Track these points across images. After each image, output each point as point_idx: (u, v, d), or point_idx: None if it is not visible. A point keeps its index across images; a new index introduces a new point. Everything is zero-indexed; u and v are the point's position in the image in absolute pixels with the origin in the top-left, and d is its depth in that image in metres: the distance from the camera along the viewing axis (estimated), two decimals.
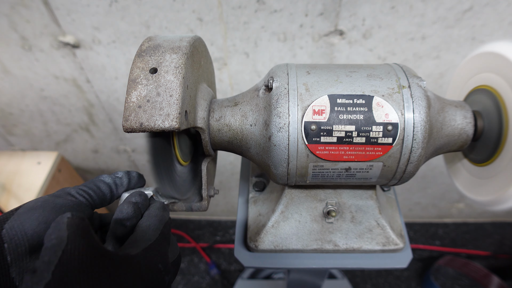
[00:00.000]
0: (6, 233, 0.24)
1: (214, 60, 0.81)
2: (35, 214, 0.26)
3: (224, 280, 1.27)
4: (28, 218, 0.26)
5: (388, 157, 0.36)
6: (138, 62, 0.32)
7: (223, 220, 1.45)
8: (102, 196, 0.32)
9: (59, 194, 0.30)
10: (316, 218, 0.45)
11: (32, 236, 0.25)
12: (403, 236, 0.46)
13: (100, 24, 0.75)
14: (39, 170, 1.00)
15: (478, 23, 0.71)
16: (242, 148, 0.39)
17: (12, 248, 0.24)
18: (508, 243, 1.34)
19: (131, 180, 0.35)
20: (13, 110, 0.98)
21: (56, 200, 0.28)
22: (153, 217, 0.31)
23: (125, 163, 1.18)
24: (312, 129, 0.35)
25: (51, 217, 0.26)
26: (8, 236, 0.24)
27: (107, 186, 0.33)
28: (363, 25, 0.72)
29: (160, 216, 0.31)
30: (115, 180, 0.34)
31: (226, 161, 1.12)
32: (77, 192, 0.30)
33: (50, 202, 0.28)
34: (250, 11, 0.70)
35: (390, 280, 1.26)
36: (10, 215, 0.26)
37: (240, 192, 0.53)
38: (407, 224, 1.40)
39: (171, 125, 0.30)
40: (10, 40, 0.79)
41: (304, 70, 0.38)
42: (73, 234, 0.22)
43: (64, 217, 0.22)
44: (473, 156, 0.44)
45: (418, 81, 0.36)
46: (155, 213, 0.31)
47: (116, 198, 0.34)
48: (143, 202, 0.32)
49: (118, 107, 0.95)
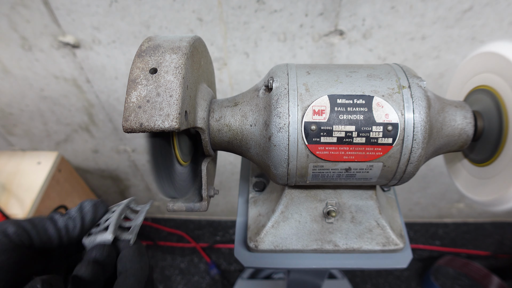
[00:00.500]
0: None
1: (214, 60, 0.81)
2: None
3: (224, 280, 1.27)
4: None
5: (388, 157, 0.36)
6: (138, 62, 0.32)
7: (223, 220, 1.45)
8: (47, 241, 0.27)
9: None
10: (316, 218, 0.45)
11: None
12: (403, 236, 0.46)
13: (100, 24, 0.75)
14: (39, 170, 1.00)
15: (478, 23, 0.71)
16: (242, 148, 0.39)
17: None
18: (508, 243, 1.34)
19: (84, 217, 0.29)
20: (13, 110, 0.98)
21: None
22: (131, 277, 0.26)
23: (125, 163, 1.18)
24: (312, 129, 0.35)
25: None
26: None
27: (55, 231, 0.28)
28: (363, 25, 0.72)
29: (139, 270, 0.26)
30: (66, 223, 0.28)
31: (226, 161, 1.12)
32: (15, 232, 0.26)
33: None
34: (250, 11, 0.70)
35: (390, 280, 1.26)
36: None
37: (240, 192, 0.53)
38: (407, 224, 1.40)
39: (171, 125, 0.30)
40: (10, 40, 0.79)
41: (304, 70, 0.38)
42: None
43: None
44: (473, 156, 0.44)
45: (418, 81, 0.36)
46: (132, 270, 0.26)
47: (68, 244, 0.29)
48: (105, 255, 0.27)
49: (118, 107, 0.95)
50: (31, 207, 0.92)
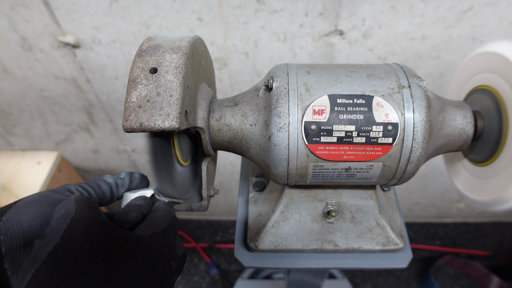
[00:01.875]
0: (2, 225, 0.25)
1: (214, 60, 0.81)
2: (32, 208, 0.27)
3: (224, 280, 1.27)
4: (25, 212, 0.26)
5: (388, 157, 0.36)
6: (138, 62, 0.32)
7: (223, 220, 1.45)
8: (102, 196, 0.32)
9: (58, 189, 0.30)
10: (316, 218, 0.45)
11: (28, 229, 0.26)
12: (403, 236, 0.46)
13: (100, 24, 0.75)
14: (39, 170, 1.00)
15: (478, 23, 0.71)
16: (242, 148, 0.39)
17: (7, 240, 0.25)
18: (508, 243, 1.34)
19: (132, 181, 0.35)
20: (13, 110, 0.98)
21: (54, 195, 0.29)
22: (162, 211, 0.31)
23: (125, 163, 1.18)
24: (312, 129, 0.35)
25: (48, 212, 0.27)
26: (4, 228, 0.25)
27: (108, 186, 0.33)
28: (363, 25, 0.72)
29: (168, 210, 0.32)
30: (116, 181, 0.33)
31: (226, 161, 1.12)
32: (77, 189, 0.30)
33: (48, 197, 0.28)
34: (250, 11, 0.70)
35: (390, 280, 1.26)
36: (8, 208, 0.27)
37: (240, 192, 0.53)
38: (407, 224, 1.40)
39: (171, 125, 0.30)
40: (10, 40, 0.79)
41: (304, 70, 0.38)
42: (81, 206, 0.23)
43: (71, 197, 0.24)
44: (473, 156, 0.44)
45: (418, 81, 0.36)
46: (162, 208, 0.32)
47: (117, 199, 0.34)
48: (146, 206, 0.32)
49: (118, 107, 0.95)
50: None
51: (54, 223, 0.23)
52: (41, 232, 0.26)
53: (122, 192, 0.34)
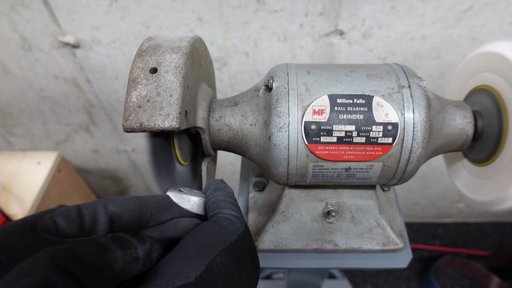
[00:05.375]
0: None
1: (214, 60, 0.81)
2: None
3: None
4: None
5: (388, 157, 0.36)
6: (138, 62, 0.32)
7: None
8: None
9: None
10: (316, 218, 0.45)
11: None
12: (403, 236, 0.46)
13: (100, 24, 0.75)
14: (39, 170, 1.00)
15: (478, 23, 0.71)
16: (242, 148, 0.39)
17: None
18: (508, 243, 1.34)
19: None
20: (13, 110, 0.98)
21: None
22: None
23: (125, 163, 1.18)
24: (312, 129, 0.35)
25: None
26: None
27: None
28: (363, 25, 0.72)
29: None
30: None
31: (226, 161, 1.12)
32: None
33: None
34: (250, 11, 0.70)
35: (390, 280, 1.26)
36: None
37: (240, 192, 0.53)
38: (407, 224, 1.40)
39: (171, 125, 0.30)
40: (10, 40, 0.79)
41: (304, 70, 0.38)
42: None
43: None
44: (473, 156, 0.44)
45: (418, 81, 0.36)
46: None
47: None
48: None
49: (118, 107, 0.95)
50: (31, 207, 0.92)
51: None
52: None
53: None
